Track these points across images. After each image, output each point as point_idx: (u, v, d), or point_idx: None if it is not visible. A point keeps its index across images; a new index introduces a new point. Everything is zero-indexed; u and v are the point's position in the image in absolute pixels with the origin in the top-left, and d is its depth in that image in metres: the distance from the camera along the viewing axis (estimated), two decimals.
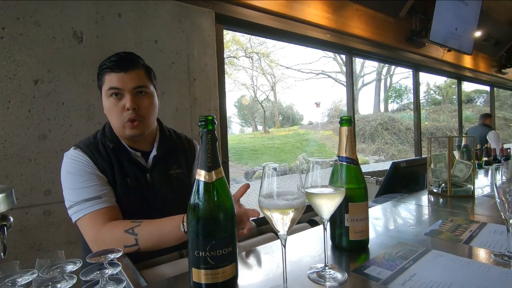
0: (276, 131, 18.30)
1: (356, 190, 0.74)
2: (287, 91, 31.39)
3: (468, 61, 4.85)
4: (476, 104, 18.07)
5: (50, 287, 0.47)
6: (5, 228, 0.48)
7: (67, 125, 1.55)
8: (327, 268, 0.64)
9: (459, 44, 4.00)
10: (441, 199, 1.31)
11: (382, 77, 20.15)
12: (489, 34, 4.81)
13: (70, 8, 1.56)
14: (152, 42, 1.83)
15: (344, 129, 0.74)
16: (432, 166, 1.39)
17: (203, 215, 0.57)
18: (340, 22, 2.93)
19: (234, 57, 17.53)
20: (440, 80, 20.47)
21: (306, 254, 0.76)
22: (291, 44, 3.15)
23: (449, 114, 16.26)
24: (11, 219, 0.49)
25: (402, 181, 1.79)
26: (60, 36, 1.54)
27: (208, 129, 0.58)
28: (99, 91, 1.00)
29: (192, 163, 1.13)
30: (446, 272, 0.63)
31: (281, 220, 0.54)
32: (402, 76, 20.65)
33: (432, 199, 1.32)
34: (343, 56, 3.51)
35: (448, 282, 0.59)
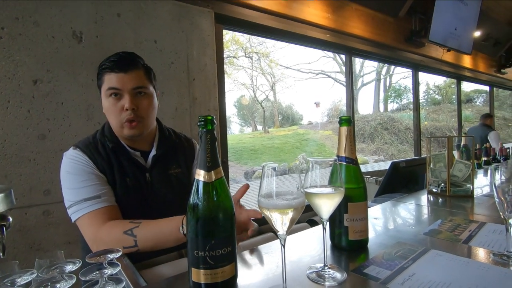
0: (276, 131, 18.30)
1: (355, 190, 0.74)
2: (286, 91, 31.35)
3: (467, 61, 4.86)
4: (475, 104, 18.09)
5: (49, 287, 0.46)
6: (4, 228, 0.48)
7: (66, 125, 1.55)
8: (326, 268, 0.64)
9: (458, 44, 4.01)
10: (440, 199, 1.31)
11: (382, 77, 20.16)
12: (488, 34, 4.81)
13: (69, 8, 1.56)
14: (152, 42, 1.83)
15: (344, 129, 0.74)
16: (431, 166, 1.39)
17: (202, 215, 0.57)
18: (339, 22, 2.93)
19: (234, 57, 17.53)
20: (440, 80, 20.51)
21: (306, 254, 0.76)
22: (291, 44, 3.15)
23: (448, 114, 16.27)
24: (10, 219, 0.49)
25: (401, 181, 1.80)
26: (59, 36, 1.54)
27: (207, 129, 0.58)
28: (98, 90, 1.00)
29: (191, 163, 1.13)
30: (445, 272, 0.63)
31: (280, 220, 0.55)
32: (402, 76, 20.68)
33: (432, 199, 1.32)
34: (343, 56, 3.51)
35: (447, 282, 0.59)
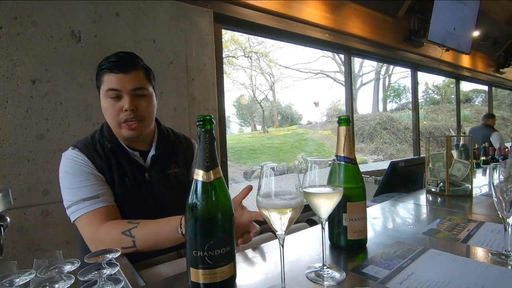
0: (275, 130, 18.31)
1: (354, 190, 0.75)
2: (286, 90, 31.44)
3: (466, 60, 4.86)
4: (474, 104, 18.14)
5: (48, 287, 0.46)
6: (1, 228, 0.48)
7: (65, 125, 1.54)
8: (325, 267, 0.65)
9: (457, 44, 4.01)
10: (439, 198, 1.31)
11: (381, 76, 20.20)
12: (487, 34, 4.82)
13: (67, 8, 1.56)
14: (150, 42, 1.83)
15: (342, 128, 0.74)
16: (430, 166, 1.39)
17: (201, 215, 0.57)
18: (338, 21, 2.93)
19: (233, 56, 17.54)
20: (439, 79, 20.57)
21: (304, 253, 0.76)
22: (290, 44, 3.14)
23: (447, 113, 16.31)
24: (8, 219, 0.49)
25: (400, 180, 1.80)
26: (57, 36, 1.53)
27: (206, 128, 0.58)
28: (97, 90, 0.99)
29: (190, 162, 1.13)
30: (443, 271, 0.63)
31: (279, 220, 0.54)
32: (401, 75, 20.74)
33: (430, 198, 1.32)
34: (342, 56, 3.51)
35: (445, 281, 0.59)
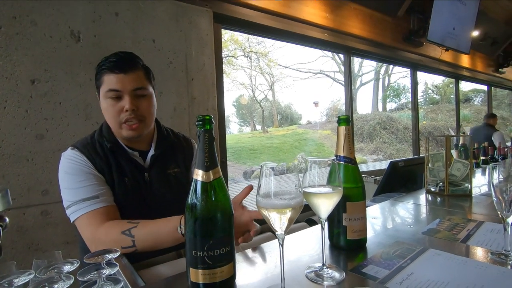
0: (275, 130, 18.31)
1: (353, 190, 0.74)
2: (285, 90, 31.35)
3: (465, 60, 4.87)
4: (473, 104, 18.14)
5: (47, 287, 0.46)
6: (0, 228, 0.48)
7: (64, 125, 1.54)
8: (325, 267, 0.65)
9: (456, 44, 4.02)
10: (438, 198, 1.31)
11: (380, 76, 20.21)
12: (486, 34, 4.82)
13: (67, 7, 1.55)
14: (150, 42, 1.83)
15: (342, 128, 0.74)
16: (430, 165, 1.39)
17: (200, 215, 0.57)
18: (338, 21, 2.93)
19: (233, 56, 17.52)
20: (438, 79, 20.58)
21: (304, 253, 0.76)
22: (290, 44, 3.15)
23: (447, 113, 16.32)
24: (7, 219, 0.49)
25: (400, 180, 1.80)
26: (57, 35, 1.53)
27: (205, 128, 0.58)
28: (96, 90, 0.99)
29: (190, 162, 1.13)
30: (443, 271, 0.63)
31: (278, 220, 0.54)
32: (400, 75, 20.74)
33: (430, 198, 1.33)
34: (342, 56, 3.51)
35: (445, 281, 0.59)
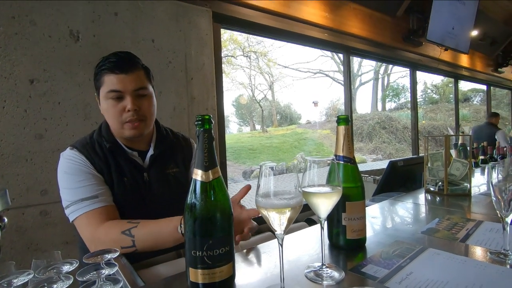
0: (274, 130, 18.31)
1: (353, 189, 0.75)
2: (285, 90, 31.37)
3: (464, 60, 4.87)
4: (472, 103, 18.15)
5: (46, 287, 0.46)
6: None
7: (63, 124, 1.54)
8: (324, 267, 0.65)
9: (456, 43, 4.02)
10: (438, 198, 1.31)
11: (380, 76, 20.21)
12: (485, 33, 4.82)
13: (66, 7, 1.55)
14: (149, 41, 1.83)
15: (341, 128, 0.74)
16: (429, 165, 1.40)
17: (200, 215, 0.57)
18: (337, 21, 2.93)
19: (232, 56, 17.50)
20: (437, 79, 20.59)
21: (304, 253, 0.76)
22: (289, 43, 3.14)
23: (446, 113, 16.34)
24: (6, 219, 0.49)
25: (399, 179, 1.80)
26: (56, 35, 1.52)
27: (204, 128, 0.58)
28: (95, 91, 0.99)
29: (189, 162, 1.13)
30: (442, 270, 0.63)
31: (278, 220, 0.54)
32: (400, 75, 20.76)
33: (429, 198, 1.33)
34: (341, 55, 3.51)
35: (444, 280, 0.59)
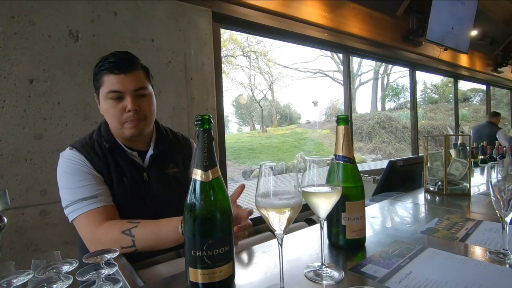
0: (274, 130, 18.31)
1: (352, 189, 0.75)
2: (284, 90, 31.36)
3: (464, 60, 4.87)
4: (472, 103, 18.16)
5: (46, 287, 0.46)
6: None
7: (63, 124, 1.54)
8: (324, 266, 0.65)
9: (455, 43, 4.02)
10: (437, 197, 1.31)
11: (379, 76, 20.22)
12: (485, 33, 4.83)
13: (65, 7, 1.55)
14: (149, 41, 1.82)
15: (341, 128, 0.74)
16: (428, 165, 1.40)
17: (199, 215, 0.57)
18: (337, 21, 2.93)
19: (232, 56, 17.50)
20: (437, 78, 20.59)
21: (303, 253, 0.76)
22: (289, 43, 3.14)
23: (445, 112, 16.36)
24: (5, 219, 0.49)
25: (399, 179, 1.80)
26: (55, 35, 1.52)
27: (204, 128, 0.58)
28: (94, 91, 0.99)
29: (189, 162, 1.13)
30: (442, 270, 0.64)
31: (277, 219, 0.54)
32: (399, 75, 20.78)
33: (429, 197, 1.33)
34: (341, 55, 3.51)
35: (444, 280, 0.59)
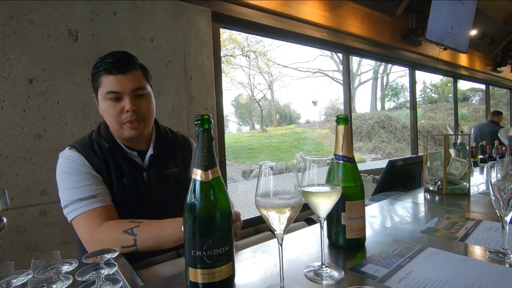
0: (274, 129, 18.30)
1: (352, 189, 0.75)
2: (284, 89, 31.29)
3: (463, 59, 4.87)
4: (471, 103, 18.17)
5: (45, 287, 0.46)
6: None
7: (62, 124, 1.53)
8: (324, 266, 0.65)
9: (455, 43, 4.02)
10: (437, 197, 1.31)
11: (379, 75, 20.23)
12: (484, 33, 4.83)
13: (65, 7, 1.55)
14: (148, 41, 1.82)
15: (341, 127, 0.74)
16: (428, 164, 1.40)
17: (199, 215, 0.57)
18: (336, 20, 2.93)
19: (231, 55, 17.49)
20: (436, 78, 20.57)
21: (303, 252, 0.76)
22: (288, 43, 3.14)
23: (445, 112, 16.37)
24: (5, 220, 0.49)
25: (398, 179, 1.80)
26: (55, 35, 1.52)
27: (204, 128, 0.58)
28: (93, 91, 0.99)
29: (188, 162, 1.13)
30: (442, 270, 0.64)
31: (277, 219, 0.54)
32: (399, 74, 20.78)
33: (428, 197, 1.33)
34: (340, 55, 3.51)
35: (443, 280, 0.60)
